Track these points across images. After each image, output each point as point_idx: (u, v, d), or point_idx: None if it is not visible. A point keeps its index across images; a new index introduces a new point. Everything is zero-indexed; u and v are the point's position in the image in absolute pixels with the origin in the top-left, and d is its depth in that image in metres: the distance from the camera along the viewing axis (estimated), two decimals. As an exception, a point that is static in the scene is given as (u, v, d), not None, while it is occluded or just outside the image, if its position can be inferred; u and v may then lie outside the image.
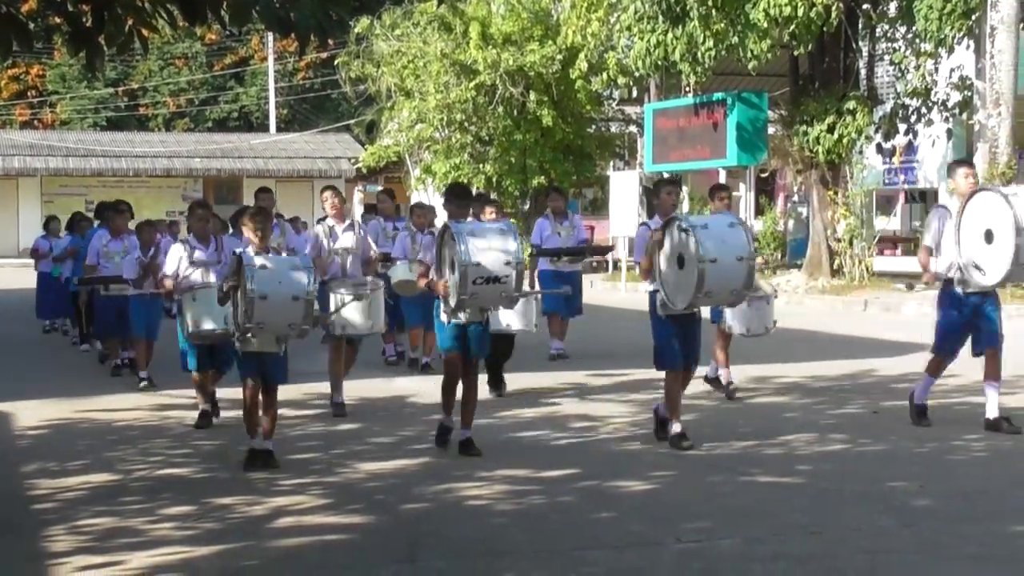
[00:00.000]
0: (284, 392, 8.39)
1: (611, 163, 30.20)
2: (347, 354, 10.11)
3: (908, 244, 27.15)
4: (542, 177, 26.58)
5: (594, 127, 28.28)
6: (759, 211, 28.58)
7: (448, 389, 8.06)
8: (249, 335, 7.55)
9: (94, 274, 12.58)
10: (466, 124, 26.98)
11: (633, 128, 29.03)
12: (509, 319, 10.05)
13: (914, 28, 19.28)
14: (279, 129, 49.48)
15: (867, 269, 21.20)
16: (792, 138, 21.45)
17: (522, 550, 5.89)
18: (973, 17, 18.17)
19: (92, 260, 12.63)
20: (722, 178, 28.45)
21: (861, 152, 21.65)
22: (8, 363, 13.93)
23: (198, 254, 9.37)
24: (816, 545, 5.85)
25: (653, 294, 8.18)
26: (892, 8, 20.52)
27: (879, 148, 21.88)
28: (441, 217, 9.73)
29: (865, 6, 20.46)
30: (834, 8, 18.73)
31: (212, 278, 9.17)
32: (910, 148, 23.07)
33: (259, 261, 7.48)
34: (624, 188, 26.15)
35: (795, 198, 27.76)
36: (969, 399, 9.62)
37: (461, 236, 7.54)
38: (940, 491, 6.85)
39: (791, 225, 27.33)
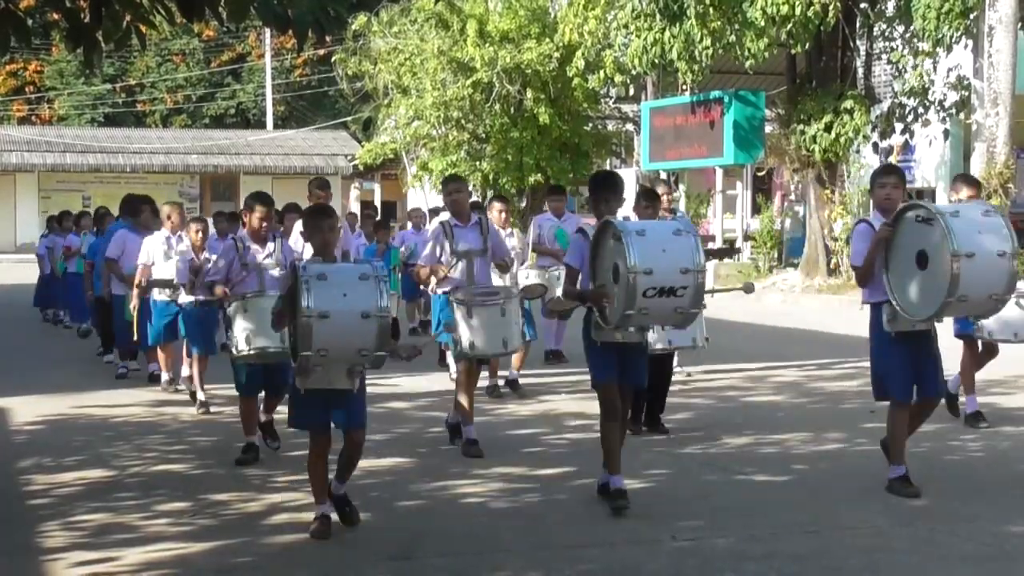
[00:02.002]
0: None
1: (608, 161, 30.20)
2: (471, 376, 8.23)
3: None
4: (539, 175, 26.59)
5: (591, 125, 28.28)
6: (756, 210, 28.58)
7: (611, 431, 6.51)
8: (310, 368, 5.78)
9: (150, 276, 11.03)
10: (463, 121, 26.98)
11: (630, 126, 29.03)
12: (670, 334, 8.37)
13: (912, 27, 19.29)
14: (276, 126, 49.48)
15: (864, 268, 21.18)
16: (789, 137, 21.46)
17: (518, 547, 5.89)
18: (971, 16, 18.18)
19: (146, 260, 10.93)
20: (719, 177, 28.48)
21: (858, 151, 21.66)
22: (4, 358, 13.92)
23: (251, 255, 7.99)
24: (812, 544, 5.86)
25: (878, 306, 6.63)
26: (890, 7, 20.52)
27: (876, 147, 21.88)
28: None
29: (863, 5, 20.47)
30: (832, 7, 18.73)
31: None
32: (907, 148, 23.07)
33: (315, 269, 5.80)
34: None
35: (792, 197, 27.78)
36: (966, 399, 9.63)
37: (628, 236, 6.09)
38: (936, 491, 6.85)
39: (788, 224, 27.33)
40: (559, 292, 10.58)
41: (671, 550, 5.80)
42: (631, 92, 27.48)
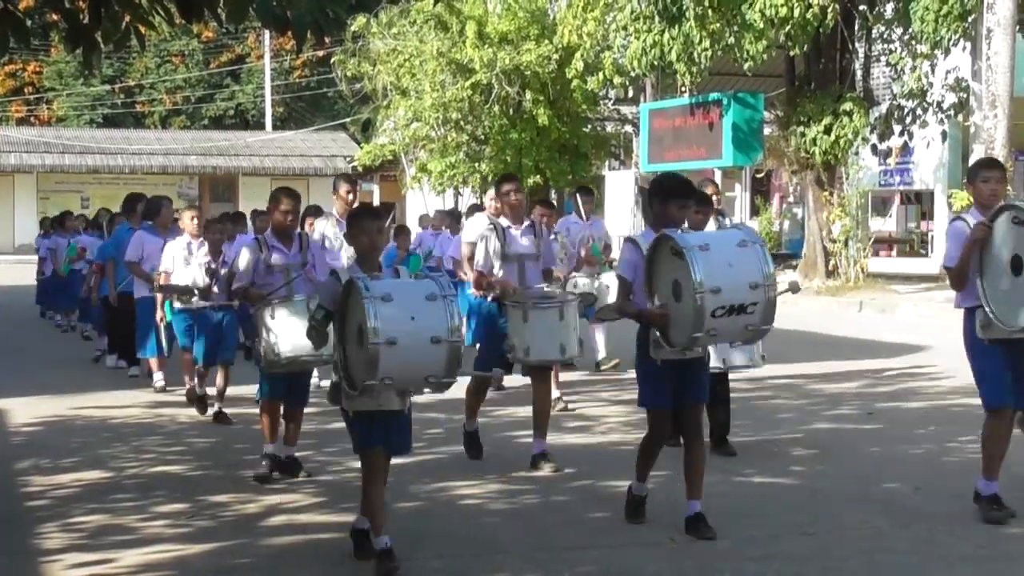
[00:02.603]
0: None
1: (607, 163, 30.19)
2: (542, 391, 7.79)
3: (903, 245, 27.21)
4: (538, 177, 26.58)
5: (590, 127, 28.27)
6: (755, 212, 28.60)
7: (648, 452, 6.22)
8: (368, 393, 5.28)
9: (168, 282, 10.22)
10: (462, 123, 26.96)
11: (629, 128, 29.03)
12: (724, 352, 7.66)
13: (911, 30, 19.30)
14: (275, 127, 49.48)
15: (862, 270, 21.22)
16: (788, 139, 21.47)
17: (516, 549, 5.88)
18: (969, 19, 18.19)
19: (168, 265, 10.18)
20: (718, 179, 28.48)
21: (857, 153, 21.66)
22: (2, 359, 13.91)
23: (277, 256, 7.45)
24: (810, 545, 5.85)
25: (971, 311, 6.12)
26: (889, 9, 20.53)
27: (875, 149, 21.89)
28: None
29: (862, 7, 20.48)
30: (830, 9, 18.73)
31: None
32: (906, 149, 23.08)
33: (379, 288, 5.17)
34: (620, 188, 26.15)
35: (791, 199, 27.80)
36: (964, 400, 9.62)
37: (691, 252, 5.54)
38: (935, 492, 6.85)
39: (786, 226, 27.37)
40: (609, 300, 9.98)
41: (670, 552, 5.80)
42: (630, 94, 27.48)
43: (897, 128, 20.80)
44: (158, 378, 11.18)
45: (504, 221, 7.88)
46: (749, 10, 18.86)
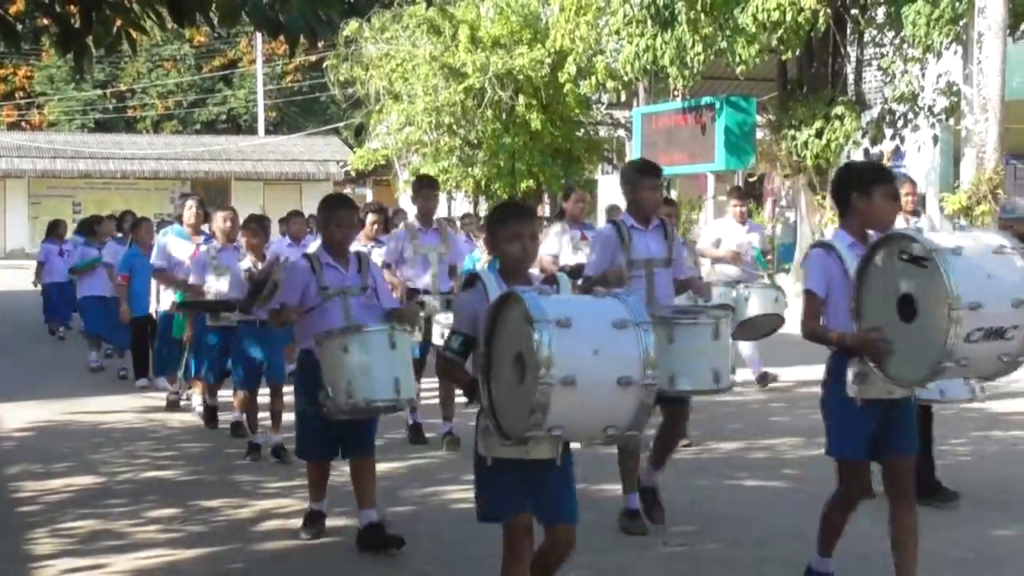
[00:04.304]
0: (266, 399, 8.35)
1: (600, 167, 30.22)
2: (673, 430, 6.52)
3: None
4: (531, 181, 26.61)
5: (583, 131, 28.30)
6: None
7: (837, 516, 5.08)
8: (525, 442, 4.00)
9: (200, 297, 9.01)
10: (455, 127, 26.97)
11: (622, 132, 29.06)
12: (941, 382, 6.01)
13: (902, 34, 19.33)
14: (267, 132, 49.43)
15: (855, 274, 21.22)
16: (780, 143, 21.50)
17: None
18: (961, 23, 18.22)
19: (199, 278, 9.02)
20: (710, 182, 28.54)
21: (849, 157, 21.69)
22: (-6, 365, 13.89)
23: (331, 275, 6.14)
24: (802, 549, 5.85)
25: (841, 359, 4.82)
26: (880, 14, 20.57)
27: (867, 153, 21.92)
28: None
29: (853, 11, 20.51)
30: (822, 13, 18.76)
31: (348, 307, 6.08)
32: (897, 153, 23.12)
33: (555, 308, 3.86)
34: (612, 192, 26.10)
35: (783, 203, 27.83)
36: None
37: (941, 255, 4.29)
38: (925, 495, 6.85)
39: (779, 230, 27.37)
40: (750, 313, 9.30)
41: (662, 555, 5.80)
42: (623, 98, 27.49)
43: (889, 132, 20.83)
44: (196, 402, 9.97)
45: (627, 219, 6.48)
46: (741, 14, 18.90)
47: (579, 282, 4.95)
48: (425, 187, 8.87)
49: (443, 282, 8.65)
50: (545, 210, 31.07)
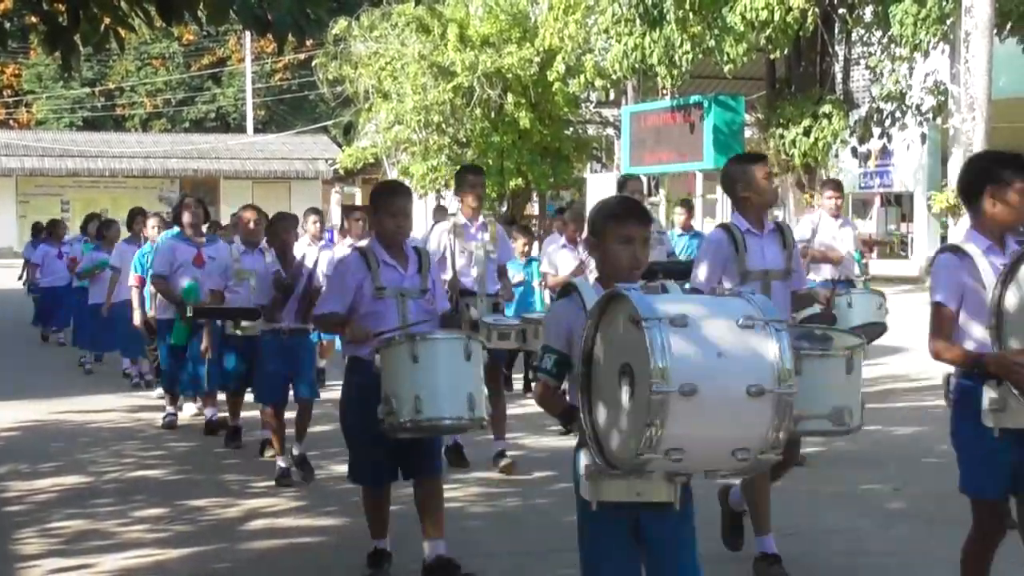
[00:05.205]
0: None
1: (588, 165, 30.23)
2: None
3: (884, 247, 27.35)
4: (519, 179, 26.61)
5: (571, 129, 28.31)
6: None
7: (980, 559, 4.37)
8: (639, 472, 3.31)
9: (221, 303, 8.40)
10: (444, 126, 26.95)
11: (610, 131, 29.08)
12: None
13: (890, 33, 19.38)
14: (256, 130, 49.33)
15: (843, 272, 21.27)
16: (768, 141, 21.54)
17: (498, 551, 5.88)
18: (948, 22, 18.28)
19: (220, 283, 8.58)
20: (699, 181, 28.58)
21: (837, 156, 21.75)
22: (-19, 364, 13.84)
23: (389, 274, 5.40)
24: (792, 547, 5.86)
25: (971, 381, 4.27)
26: (868, 13, 20.62)
27: (854, 152, 21.98)
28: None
29: (841, 11, 20.55)
30: (810, 12, 18.80)
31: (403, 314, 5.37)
32: (885, 152, 23.19)
33: (666, 306, 3.19)
34: (601, 191, 26.11)
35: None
36: (943, 401, 9.68)
37: None
38: (915, 494, 6.88)
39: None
40: (854, 322, 7.81)
41: (651, 554, 5.80)
42: (611, 96, 27.53)
43: (876, 131, 20.89)
44: (170, 411, 9.53)
45: (739, 222, 5.50)
46: (730, 13, 18.92)
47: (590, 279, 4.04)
48: (470, 178, 7.95)
49: (491, 283, 7.82)
50: (533, 208, 31.09)
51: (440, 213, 13.61)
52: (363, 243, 7.19)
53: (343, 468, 7.51)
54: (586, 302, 3.60)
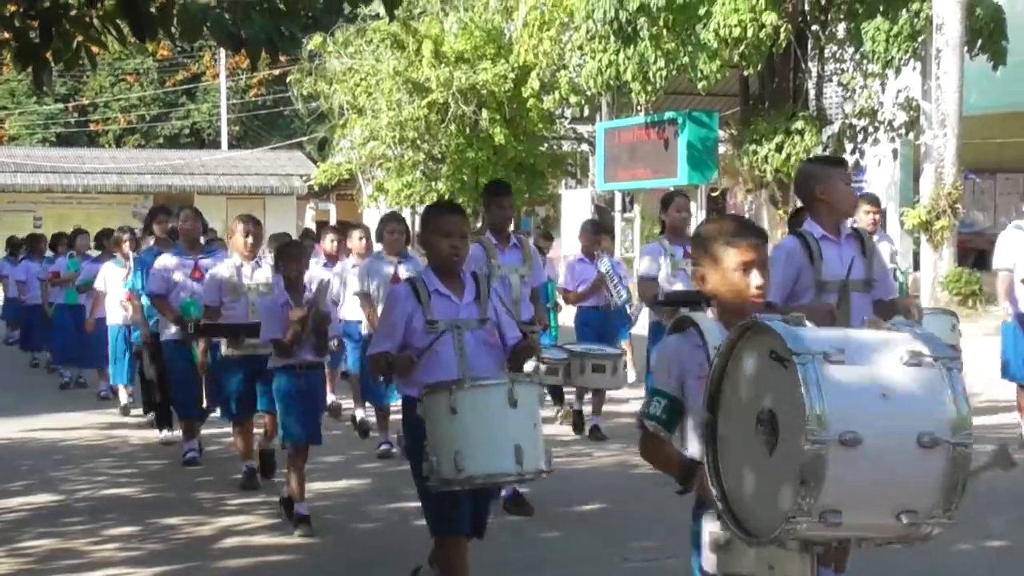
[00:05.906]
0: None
1: (563, 181, 30.30)
2: None
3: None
4: (495, 195, 26.67)
5: (546, 145, 28.37)
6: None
7: None
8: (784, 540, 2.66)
9: (217, 319, 7.70)
10: (418, 142, 26.97)
11: (585, 147, 29.17)
12: None
13: (862, 50, 19.54)
14: (231, 146, 49.21)
15: (817, 287, 21.37)
16: (742, 157, 21.66)
17: (473, 567, 5.86)
18: (919, 39, 18.46)
19: (214, 298, 7.74)
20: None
21: (810, 171, 21.87)
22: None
23: (442, 306, 4.78)
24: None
25: None
26: (840, 30, 20.79)
27: (828, 168, 22.10)
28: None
29: (814, 27, 20.72)
30: (783, 29, 18.94)
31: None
32: (858, 168, 23.34)
33: (819, 339, 2.64)
34: (576, 207, 26.22)
35: (746, 217, 28.03)
36: None
37: None
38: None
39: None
40: None
41: (624, 570, 5.80)
42: (586, 112, 27.62)
43: (849, 146, 21.05)
44: (191, 447, 8.59)
45: (814, 229, 4.99)
46: (703, 30, 19.04)
47: (708, 313, 3.34)
48: (498, 194, 7.19)
49: (525, 309, 7.02)
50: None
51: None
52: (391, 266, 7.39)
53: (318, 485, 7.53)
54: (708, 340, 3.17)
